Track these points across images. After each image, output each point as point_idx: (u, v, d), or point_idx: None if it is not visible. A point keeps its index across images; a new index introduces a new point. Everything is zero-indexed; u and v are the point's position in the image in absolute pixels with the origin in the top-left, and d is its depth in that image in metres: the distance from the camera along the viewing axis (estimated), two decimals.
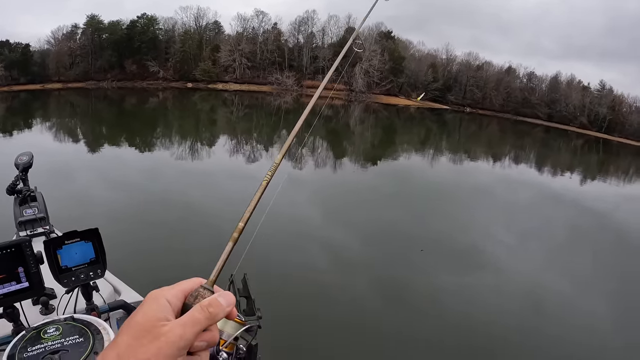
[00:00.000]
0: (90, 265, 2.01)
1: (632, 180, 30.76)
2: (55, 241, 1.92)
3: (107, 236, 2.07)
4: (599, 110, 66.29)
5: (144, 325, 0.58)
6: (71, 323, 1.67)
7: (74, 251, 1.97)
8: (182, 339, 0.57)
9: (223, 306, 0.63)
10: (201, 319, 0.60)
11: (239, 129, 30.74)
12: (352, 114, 48.73)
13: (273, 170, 0.89)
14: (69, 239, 1.96)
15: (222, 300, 0.64)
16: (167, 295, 0.62)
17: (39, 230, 3.23)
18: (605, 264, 10.43)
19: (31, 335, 1.60)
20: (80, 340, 1.60)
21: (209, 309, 0.61)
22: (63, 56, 54.63)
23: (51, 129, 24.07)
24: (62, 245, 1.94)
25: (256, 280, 2.45)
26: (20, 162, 3.45)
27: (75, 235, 1.98)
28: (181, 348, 0.57)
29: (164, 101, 47.61)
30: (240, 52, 62.67)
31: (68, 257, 1.95)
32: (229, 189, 12.84)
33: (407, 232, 10.70)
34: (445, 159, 27.39)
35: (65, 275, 1.94)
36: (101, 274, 2.05)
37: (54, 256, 1.91)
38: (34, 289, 1.81)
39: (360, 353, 5.54)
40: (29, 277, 1.79)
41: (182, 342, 0.57)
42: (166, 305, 0.61)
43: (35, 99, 41.09)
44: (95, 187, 11.54)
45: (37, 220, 3.28)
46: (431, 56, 72.17)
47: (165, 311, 0.60)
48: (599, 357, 6.40)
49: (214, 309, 0.62)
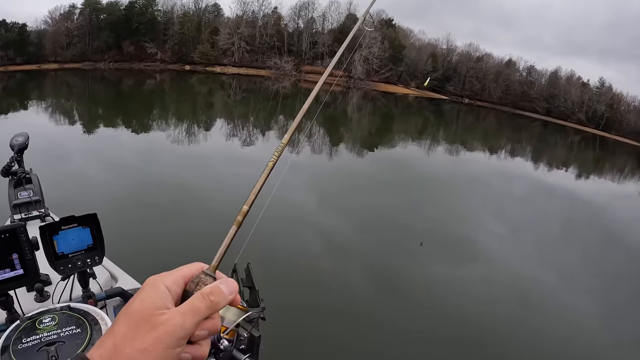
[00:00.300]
0: (87, 252, 1.93)
1: (626, 179, 30.87)
2: (51, 227, 1.83)
3: (103, 220, 1.99)
4: (597, 108, 66.12)
5: (141, 313, 0.55)
6: (68, 313, 1.61)
7: (70, 237, 1.88)
8: (182, 328, 0.55)
9: (225, 294, 0.60)
10: (202, 308, 0.57)
11: (236, 113, 30.54)
12: (350, 101, 48.55)
13: (280, 150, 0.83)
14: (66, 225, 1.87)
15: (225, 287, 0.60)
16: (166, 282, 0.59)
17: (34, 213, 3.15)
18: (594, 258, 10.61)
19: (26, 325, 1.54)
20: (77, 331, 1.53)
21: (210, 297, 0.58)
22: (60, 36, 53.78)
23: (47, 110, 23.82)
24: (59, 230, 1.85)
25: (259, 266, 2.40)
26: (16, 143, 3.36)
27: (73, 221, 1.89)
28: (181, 338, 0.55)
29: (161, 83, 47.22)
30: (240, 36, 62.03)
31: (65, 243, 1.87)
32: (227, 173, 12.78)
33: (403, 221, 10.74)
34: (442, 149, 27.39)
35: (62, 262, 1.86)
36: (99, 261, 1.97)
37: (50, 242, 1.82)
38: (29, 276, 1.74)
39: (363, 341, 5.55)
40: (23, 264, 1.71)
41: (182, 332, 0.55)
42: (165, 293, 0.58)
43: (31, 80, 40.69)
44: (92, 169, 11.44)
45: (32, 203, 3.19)
46: (431, 46, 71.75)
47: (164, 299, 0.57)
48: (587, 349, 6.48)
49: (215, 297, 0.59)
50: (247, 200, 0.72)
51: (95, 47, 55.98)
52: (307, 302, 6.25)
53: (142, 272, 3.08)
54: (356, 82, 61.97)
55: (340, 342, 5.41)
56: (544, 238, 11.37)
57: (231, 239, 0.67)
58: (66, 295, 2.10)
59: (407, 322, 6.18)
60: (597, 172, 30.41)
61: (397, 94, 63.09)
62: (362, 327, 5.92)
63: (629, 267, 10.50)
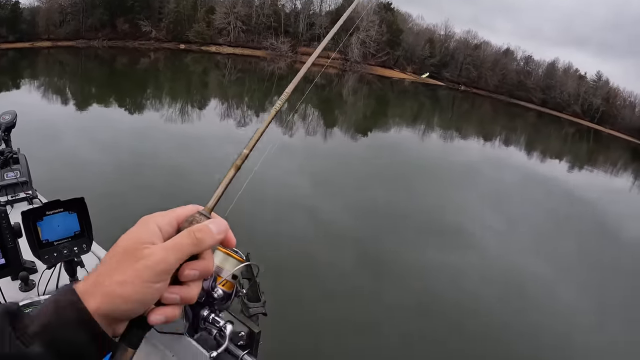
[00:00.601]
0: (74, 240, 1.77)
1: (619, 173, 31.02)
2: (35, 212, 1.67)
3: (95, 203, 1.83)
4: (593, 101, 66.21)
5: (126, 247, 0.55)
6: None
7: (56, 223, 1.71)
8: (163, 262, 0.54)
9: (212, 233, 0.58)
10: (186, 244, 0.56)
11: (231, 94, 30.21)
12: (345, 84, 48.28)
13: (284, 99, 0.79)
14: (51, 210, 1.70)
15: (213, 226, 0.59)
16: (159, 221, 0.58)
17: (20, 195, 2.97)
18: (583, 248, 10.72)
19: None
20: None
21: (196, 234, 0.57)
22: (53, 14, 52.65)
23: (39, 89, 23.37)
24: (43, 216, 1.68)
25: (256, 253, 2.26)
26: (3, 121, 3.18)
27: (58, 205, 1.72)
28: (161, 272, 0.54)
29: (155, 62, 46.67)
30: (236, 15, 61.17)
31: (49, 230, 1.70)
32: (221, 154, 12.59)
33: (397, 208, 10.67)
34: (436, 135, 27.38)
35: (46, 250, 1.69)
36: (86, 249, 1.81)
37: (34, 229, 1.65)
38: (11, 266, 1.59)
39: (362, 332, 5.49)
40: (5, 253, 1.56)
41: (162, 266, 0.54)
42: (154, 230, 0.57)
43: (23, 58, 40.00)
44: (84, 149, 11.20)
45: (18, 185, 3.01)
46: (429, 31, 71.15)
47: (152, 236, 0.56)
48: (579, 339, 6.52)
49: (201, 234, 0.57)
50: (247, 144, 0.70)
51: (89, 25, 54.91)
52: (303, 289, 6.18)
53: None
54: (352, 65, 61.52)
55: (338, 335, 5.34)
56: (535, 227, 11.45)
57: (229, 182, 0.66)
58: (52, 285, 1.95)
59: (404, 315, 6.15)
60: (590, 165, 30.52)
61: (393, 78, 62.76)
62: (360, 314, 5.86)
63: (618, 257, 10.58)
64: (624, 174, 31.96)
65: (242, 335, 2.09)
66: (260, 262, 2.27)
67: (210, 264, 0.60)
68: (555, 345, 6.08)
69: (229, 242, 0.63)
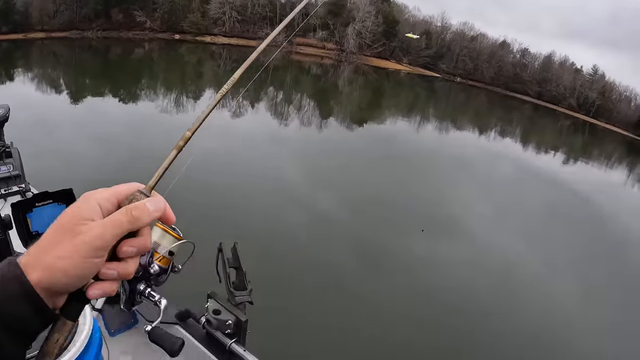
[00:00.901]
0: None
1: (613, 167, 31.21)
2: (24, 204, 1.70)
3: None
4: (589, 95, 66.35)
5: (66, 223, 0.57)
6: None
7: (45, 214, 1.75)
8: (100, 238, 0.56)
9: (149, 210, 0.60)
10: (123, 221, 0.58)
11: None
12: (341, 75, 48.17)
13: (230, 84, 0.82)
14: (40, 201, 1.74)
15: (150, 205, 0.61)
16: (99, 198, 0.59)
17: (14, 188, 2.99)
18: (577, 239, 10.75)
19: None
20: None
21: (132, 212, 0.59)
22: (47, 4, 51.89)
23: (32, 81, 23.13)
24: (33, 208, 1.72)
25: (244, 242, 2.30)
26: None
27: (47, 197, 1.76)
28: (97, 248, 0.56)
29: (150, 52, 46.41)
30: (231, 5, 60.79)
31: (39, 221, 1.73)
32: (214, 145, 12.60)
33: (390, 198, 10.70)
34: (432, 126, 27.42)
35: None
36: None
37: (24, 220, 1.69)
38: (1, 257, 1.62)
39: (349, 320, 5.54)
40: None
41: (99, 242, 0.56)
42: (94, 207, 0.58)
43: (17, 49, 39.55)
44: (77, 142, 11.15)
45: (11, 178, 3.03)
46: (426, 22, 70.87)
47: (92, 212, 0.58)
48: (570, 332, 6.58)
49: (138, 212, 0.59)
50: (190, 127, 0.72)
51: (82, 15, 54.26)
52: (291, 278, 6.22)
53: None
54: (348, 55, 61.35)
55: (326, 325, 5.39)
56: (528, 219, 11.50)
57: (170, 162, 0.69)
58: None
59: (395, 304, 6.20)
60: (585, 158, 30.68)
61: (389, 69, 62.67)
62: (348, 305, 5.92)
63: (610, 249, 10.66)
64: (619, 167, 32.20)
65: (230, 324, 2.14)
66: (247, 256, 2.32)
67: (148, 241, 0.62)
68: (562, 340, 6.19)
69: (167, 220, 0.64)
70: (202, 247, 1.77)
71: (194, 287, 2.79)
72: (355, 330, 5.43)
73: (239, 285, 2.13)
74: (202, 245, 1.78)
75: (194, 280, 2.71)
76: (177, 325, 2.28)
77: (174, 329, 2.27)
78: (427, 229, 9.13)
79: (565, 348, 6.14)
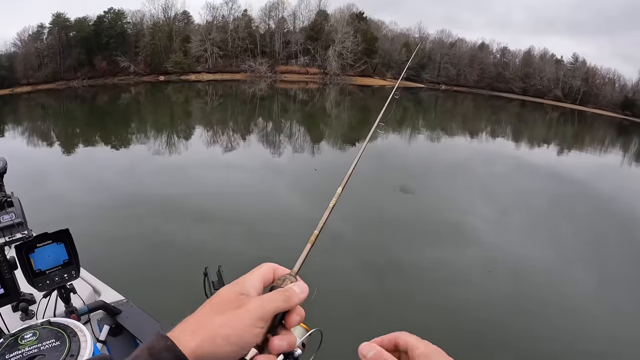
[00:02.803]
0: (64, 267, 1.99)
1: (607, 151, 31.45)
2: (27, 245, 1.89)
3: (86, 237, 2.04)
4: (573, 83, 67.23)
5: (226, 297, 0.64)
6: (48, 327, 1.65)
7: (46, 254, 1.94)
8: (261, 309, 0.63)
9: (297, 293, 0.68)
10: (279, 299, 0.66)
11: (215, 120, 30.41)
12: (328, 97, 48.60)
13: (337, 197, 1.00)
14: (41, 242, 1.93)
15: (297, 288, 0.69)
16: (251, 279, 0.68)
17: (17, 235, 3.16)
18: (585, 232, 10.59)
19: (9, 342, 1.58)
20: (56, 344, 1.58)
21: (285, 293, 0.67)
22: (31, 58, 52.96)
23: (23, 134, 23.59)
24: (34, 248, 1.90)
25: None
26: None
27: (47, 238, 1.95)
28: (259, 318, 0.62)
29: (136, 96, 46.83)
30: (212, 42, 61.69)
31: (41, 260, 1.92)
32: (207, 181, 12.76)
33: (394, 211, 10.73)
34: (423, 136, 27.67)
35: (40, 279, 1.91)
36: (75, 275, 2.03)
37: (27, 260, 1.87)
38: (9, 295, 1.79)
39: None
40: (3, 283, 1.76)
41: (261, 312, 0.62)
42: (251, 286, 0.67)
43: (5, 104, 40.04)
44: (72, 189, 11.35)
45: (14, 226, 3.19)
46: (404, 35, 72.07)
47: (249, 290, 0.66)
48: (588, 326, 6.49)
49: (290, 293, 0.68)
50: (317, 225, 0.85)
51: (67, 66, 55.23)
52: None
53: (124, 285, 3.13)
54: (332, 78, 62.13)
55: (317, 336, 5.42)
56: (531, 216, 11.38)
57: (307, 253, 0.78)
58: (50, 312, 2.14)
59: (405, 312, 6.20)
60: (578, 146, 30.91)
61: (374, 86, 63.20)
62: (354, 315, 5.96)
63: (620, 238, 10.48)
64: (613, 149, 32.44)
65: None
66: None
67: (302, 314, 0.71)
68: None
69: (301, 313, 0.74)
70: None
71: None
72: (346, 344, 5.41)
73: None
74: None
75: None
76: None
77: None
78: (432, 235, 9.12)
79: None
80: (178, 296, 5.77)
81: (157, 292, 5.63)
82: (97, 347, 1.74)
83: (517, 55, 72.49)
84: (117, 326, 2.55)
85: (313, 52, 64.29)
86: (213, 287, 2.35)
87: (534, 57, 71.35)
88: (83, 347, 1.58)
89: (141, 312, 2.62)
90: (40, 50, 54.36)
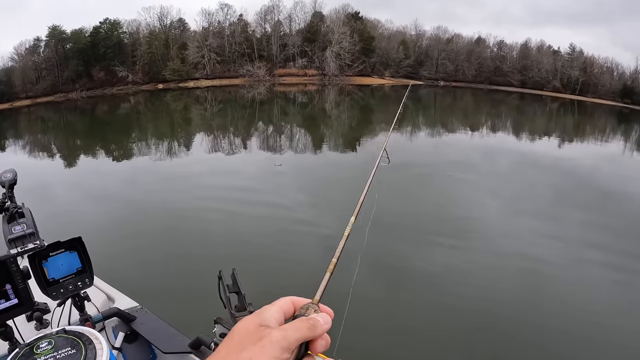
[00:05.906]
0: (77, 275, 1.97)
1: (609, 139, 31.36)
2: (39, 254, 1.88)
3: (97, 246, 2.03)
4: (572, 73, 67.13)
5: (247, 329, 0.63)
6: (63, 335, 1.65)
7: (59, 262, 1.93)
8: (285, 339, 0.62)
9: (321, 322, 0.68)
10: (303, 328, 0.65)
11: (215, 125, 30.43)
12: (327, 98, 48.60)
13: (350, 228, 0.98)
14: (54, 251, 1.93)
15: (320, 318, 0.69)
16: (271, 310, 0.68)
17: (29, 246, 3.17)
18: (593, 224, 10.48)
19: (24, 352, 1.57)
20: (72, 352, 1.58)
21: (309, 321, 0.67)
22: (28, 71, 53.21)
23: (25, 148, 23.69)
24: (47, 257, 1.90)
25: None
26: (5, 179, 3.36)
27: (60, 246, 1.95)
28: (283, 349, 0.61)
29: (136, 105, 46.90)
30: (209, 48, 61.84)
31: (54, 268, 1.91)
32: (210, 187, 12.73)
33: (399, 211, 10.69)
34: (424, 133, 27.63)
35: (54, 287, 1.90)
36: (89, 283, 2.02)
37: (40, 269, 1.87)
38: (24, 304, 1.78)
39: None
40: (17, 293, 1.75)
41: (285, 343, 0.61)
42: (271, 317, 0.66)
43: (4, 119, 40.17)
44: (79, 200, 11.42)
45: (26, 236, 3.20)
46: (400, 33, 72.16)
47: (270, 321, 0.65)
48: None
49: (314, 322, 0.67)
50: (334, 253, 0.85)
51: (65, 78, 55.45)
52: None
53: (138, 292, 3.13)
54: (331, 78, 62.22)
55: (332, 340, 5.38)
56: (538, 210, 11.23)
57: (326, 284, 0.78)
58: (65, 321, 2.14)
59: (414, 321, 6.11)
60: (580, 136, 30.86)
61: (372, 85, 63.34)
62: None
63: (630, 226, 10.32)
64: (614, 138, 32.36)
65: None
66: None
67: (329, 339, 0.70)
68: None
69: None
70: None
71: None
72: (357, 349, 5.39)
73: (240, 307, 2.26)
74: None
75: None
76: (191, 354, 2.41)
77: (189, 358, 2.41)
78: (442, 234, 9.04)
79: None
80: (192, 300, 5.82)
81: (171, 298, 5.66)
82: (113, 354, 1.73)
83: (514, 48, 72.58)
84: (132, 333, 2.54)
85: (310, 54, 64.40)
86: (228, 290, 2.35)
87: (531, 49, 71.25)
88: (99, 355, 1.58)
89: (156, 318, 2.61)
90: (38, 63, 54.62)
